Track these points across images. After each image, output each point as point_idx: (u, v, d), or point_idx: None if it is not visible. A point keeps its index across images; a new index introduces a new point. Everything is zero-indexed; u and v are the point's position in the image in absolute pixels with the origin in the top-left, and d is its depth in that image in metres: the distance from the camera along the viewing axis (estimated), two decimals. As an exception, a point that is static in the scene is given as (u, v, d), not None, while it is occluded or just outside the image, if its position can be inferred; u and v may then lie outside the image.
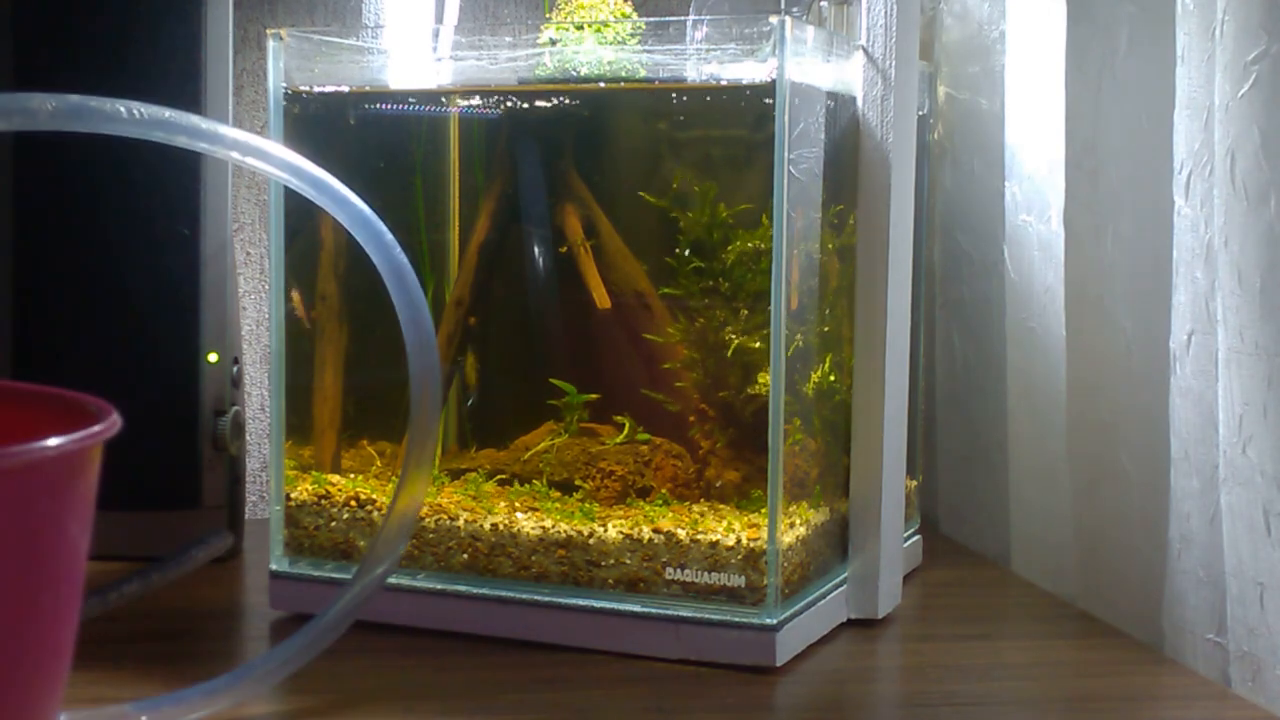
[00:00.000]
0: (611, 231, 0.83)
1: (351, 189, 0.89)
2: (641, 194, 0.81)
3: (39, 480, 0.51)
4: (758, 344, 0.78)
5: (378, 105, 0.89)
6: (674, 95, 0.80)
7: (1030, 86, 0.91)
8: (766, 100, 0.74)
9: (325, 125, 0.87)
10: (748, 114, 0.78)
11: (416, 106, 0.86)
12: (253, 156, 0.67)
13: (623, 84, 0.81)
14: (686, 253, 0.80)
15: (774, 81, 0.74)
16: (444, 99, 0.85)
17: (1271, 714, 0.70)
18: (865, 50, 0.82)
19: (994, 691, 0.74)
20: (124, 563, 0.94)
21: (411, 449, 0.71)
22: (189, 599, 0.88)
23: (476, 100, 0.84)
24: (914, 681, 0.77)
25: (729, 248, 0.79)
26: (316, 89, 0.84)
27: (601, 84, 0.81)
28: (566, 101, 0.82)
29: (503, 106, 0.84)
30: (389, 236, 0.71)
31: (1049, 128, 0.89)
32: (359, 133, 0.87)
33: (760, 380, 0.78)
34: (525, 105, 0.83)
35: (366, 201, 0.70)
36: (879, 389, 0.82)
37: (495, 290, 0.86)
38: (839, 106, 0.81)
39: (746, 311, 0.79)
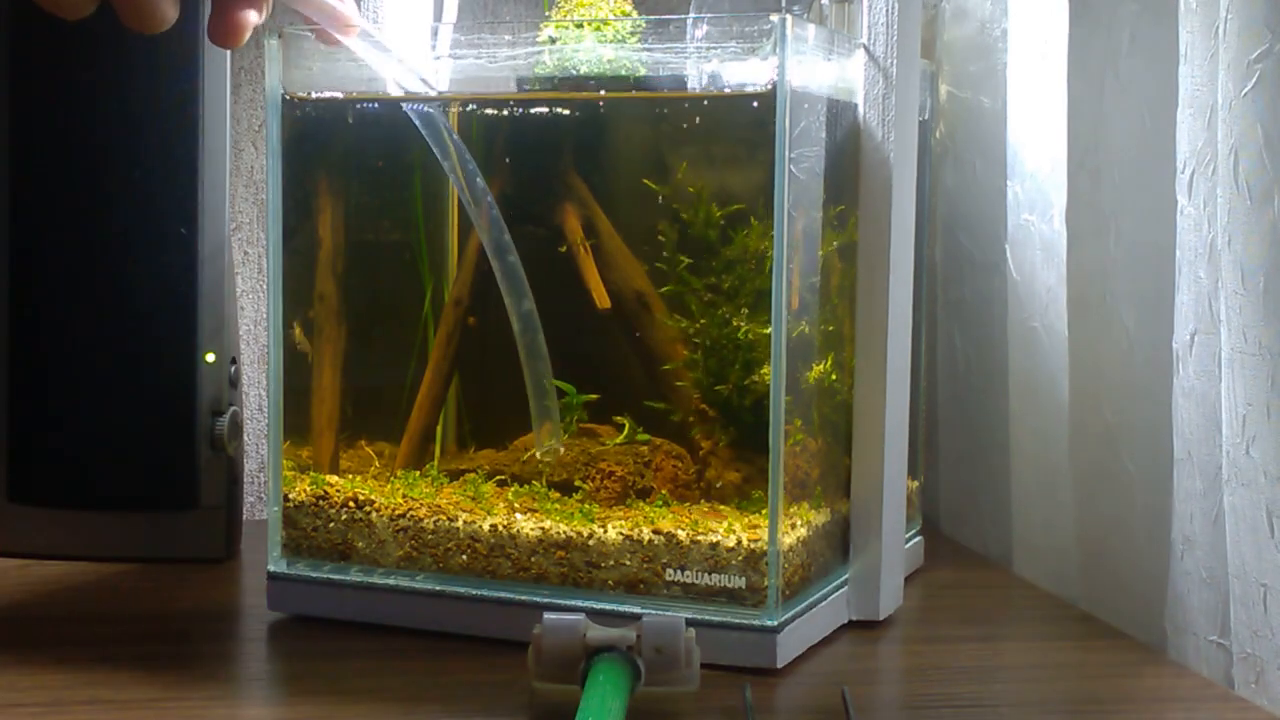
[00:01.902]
0: (611, 231, 0.83)
1: (350, 188, 0.89)
2: (646, 181, 0.81)
3: None
4: (758, 343, 0.77)
5: (376, 104, 0.89)
6: (674, 104, 0.80)
7: (1032, 85, 0.91)
8: (767, 107, 0.74)
9: (324, 124, 0.86)
10: (748, 121, 0.77)
11: (416, 108, 0.86)
12: None
13: (623, 93, 0.80)
14: (680, 250, 0.80)
15: (774, 88, 0.74)
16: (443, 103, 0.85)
17: (1275, 716, 0.70)
18: (866, 48, 0.82)
19: (996, 693, 0.74)
20: (120, 564, 0.94)
21: None
22: (187, 600, 0.88)
23: (474, 107, 0.84)
24: (915, 683, 0.76)
25: (727, 249, 0.79)
26: (315, 95, 0.84)
27: (602, 91, 0.81)
28: (565, 111, 0.82)
29: (501, 112, 0.84)
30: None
31: (1051, 127, 0.89)
32: (357, 132, 0.87)
33: (760, 374, 0.77)
34: (523, 111, 0.83)
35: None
36: (880, 389, 0.82)
37: (495, 290, 0.86)
38: (840, 105, 0.81)
39: (747, 310, 0.79)
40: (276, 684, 0.75)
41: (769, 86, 0.74)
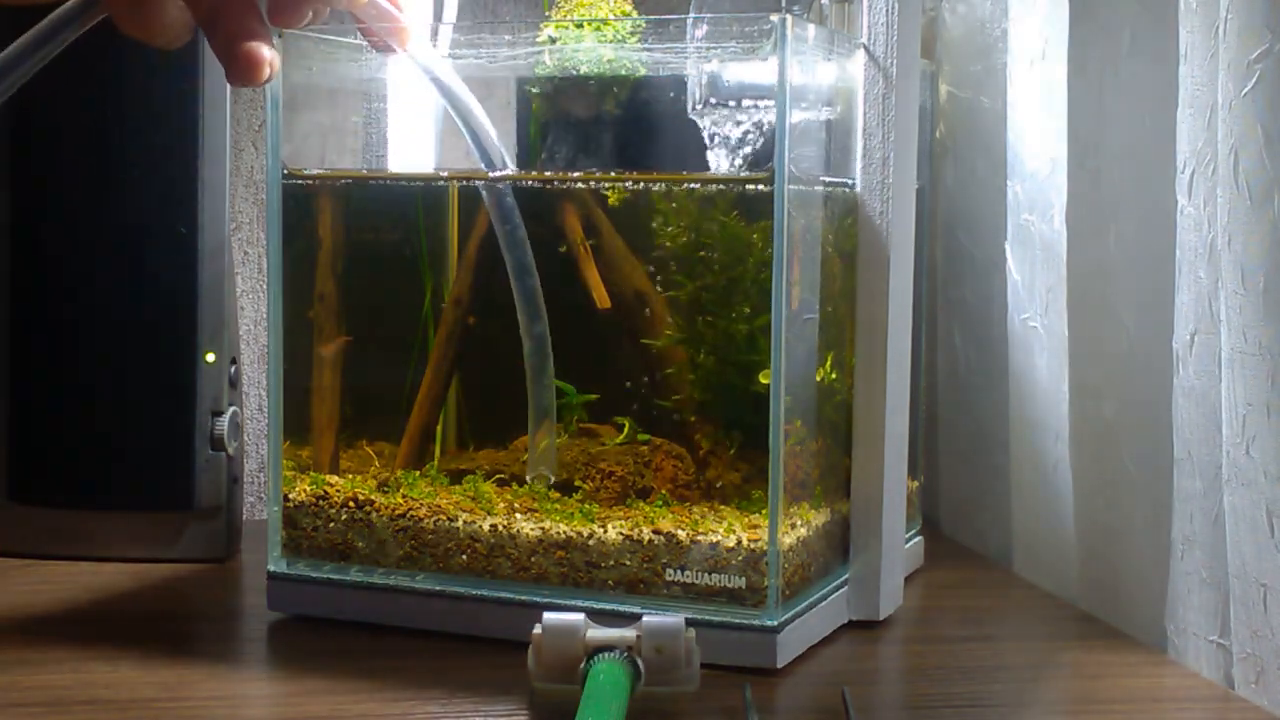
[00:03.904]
0: (612, 231, 0.83)
1: (351, 188, 0.89)
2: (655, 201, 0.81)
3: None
4: (758, 343, 0.77)
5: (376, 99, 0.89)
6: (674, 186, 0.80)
7: (1032, 85, 0.91)
8: (765, 189, 0.74)
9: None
10: (746, 204, 0.78)
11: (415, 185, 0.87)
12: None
13: (624, 176, 0.81)
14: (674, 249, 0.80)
15: (772, 172, 0.74)
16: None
17: (1275, 716, 0.70)
18: (866, 48, 0.82)
19: (996, 693, 0.74)
20: (120, 564, 0.94)
21: None
22: (187, 600, 0.88)
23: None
24: (915, 683, 0.76)
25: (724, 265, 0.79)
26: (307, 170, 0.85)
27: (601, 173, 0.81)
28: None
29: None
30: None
31: (1051, 126, 0.88)
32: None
33: (760, 376, 0.77)
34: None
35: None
36: (880, 389, 0.82)
37: (495, 290, 0.86)
38: (839, 103, 0.81)
39: (748, 310, 0.79)
40: (276, 684, 0.75)
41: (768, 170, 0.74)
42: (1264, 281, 0.69)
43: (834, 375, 0.82)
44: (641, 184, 0.80)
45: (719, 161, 0.83)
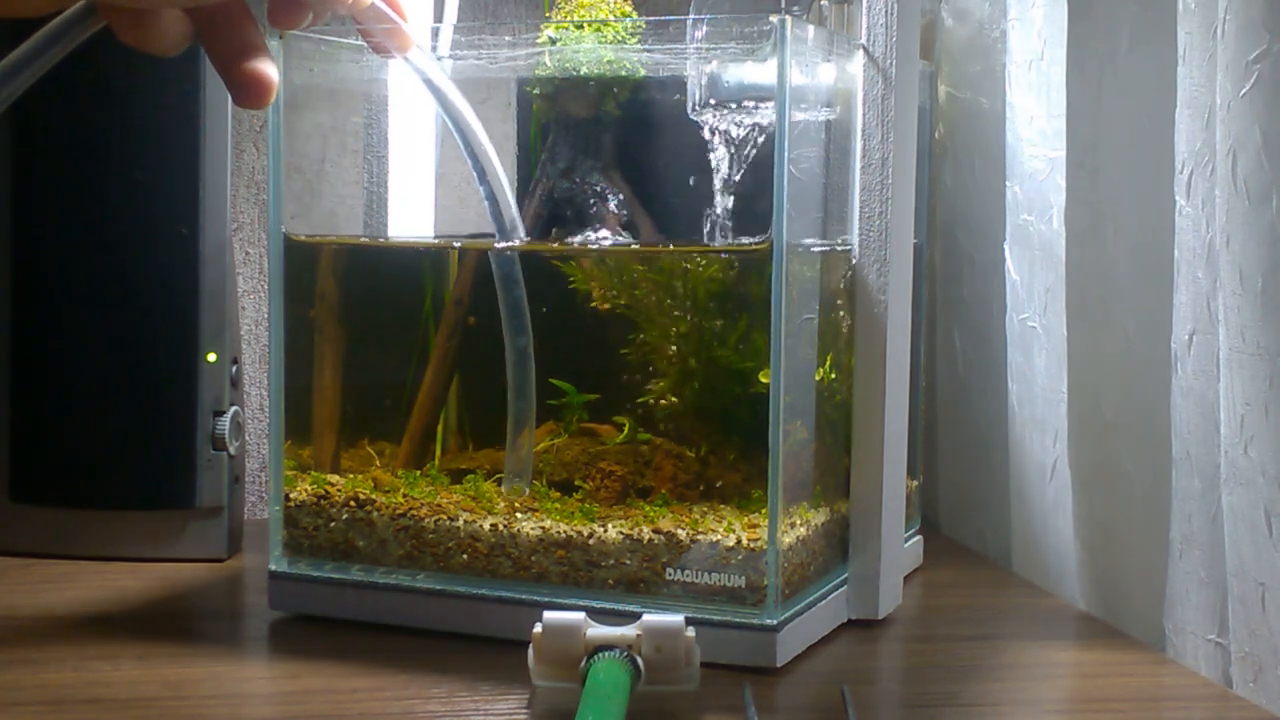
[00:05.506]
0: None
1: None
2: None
3: None
4: (755, 356, 0.78)
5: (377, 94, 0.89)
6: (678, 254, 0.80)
7: (1031, 86, 0.91)
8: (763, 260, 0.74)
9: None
10: (746, 274, 0.78)
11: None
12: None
13: (622, 249, 0.82)
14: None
15: (771, 244, 0.74)
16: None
17: (1273, 715, 0.70)
18: (866, 49, 0.82)
19: (995, 692, 0.74)
20: (122, 563, 0.95)
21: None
22: (188, 600, 0.88)
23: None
24: (915, 682, 0.77)
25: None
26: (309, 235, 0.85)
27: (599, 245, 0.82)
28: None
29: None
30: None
31: (1050, 127, 0.89)
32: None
33: (760, 379, 0.78)
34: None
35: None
36: (879, 389, 0.82)
37: (495, 290, 0.86)
38: (838, 106, 0.81)
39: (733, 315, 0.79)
40: (277, 683, 0.76)
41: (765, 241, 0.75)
42: (1262, 282, 0.69)
43: (833, 375, 0.82)
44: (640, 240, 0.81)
45: (719, 163, 0.84)
